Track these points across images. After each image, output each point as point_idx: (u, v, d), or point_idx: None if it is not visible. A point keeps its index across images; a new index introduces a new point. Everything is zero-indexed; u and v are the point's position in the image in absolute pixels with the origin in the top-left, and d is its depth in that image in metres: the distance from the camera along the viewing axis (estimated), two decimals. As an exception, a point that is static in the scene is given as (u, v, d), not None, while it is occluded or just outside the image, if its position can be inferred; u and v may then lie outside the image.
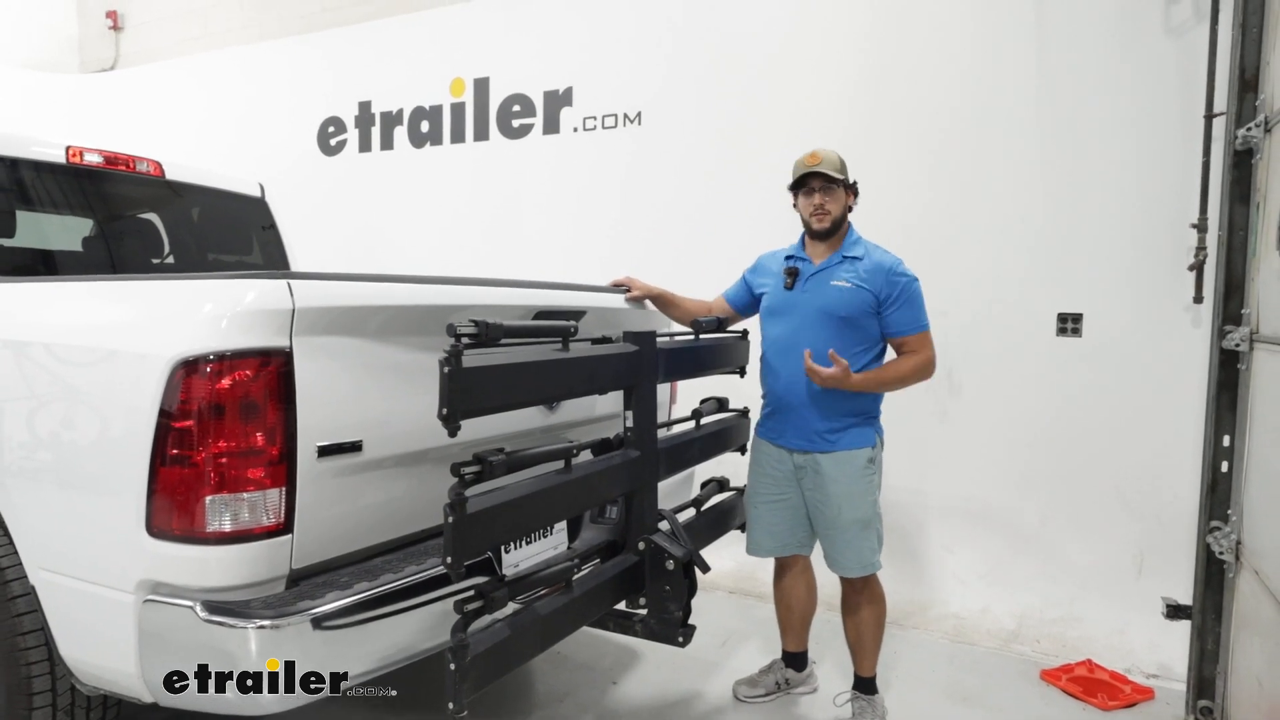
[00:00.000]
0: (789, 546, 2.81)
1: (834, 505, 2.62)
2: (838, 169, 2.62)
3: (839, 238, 2.69)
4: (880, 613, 2.76)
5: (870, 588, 2.73)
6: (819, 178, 2.62)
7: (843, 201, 2.66)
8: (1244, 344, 2.66)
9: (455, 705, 1.63)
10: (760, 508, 2.81)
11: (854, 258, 2.64)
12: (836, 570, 2.72)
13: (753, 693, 2.97)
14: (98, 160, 3.24)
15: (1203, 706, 2.84)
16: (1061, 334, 3.67)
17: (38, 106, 6.56)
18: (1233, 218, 2.77)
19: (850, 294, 2.60)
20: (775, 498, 2.76)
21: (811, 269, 2.69)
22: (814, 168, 2.60)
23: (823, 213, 2.63)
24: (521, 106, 4.94)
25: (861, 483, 2.62)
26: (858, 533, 2.63)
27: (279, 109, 5.79)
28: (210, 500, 1.65)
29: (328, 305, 1.78)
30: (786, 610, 2.97)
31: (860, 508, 2.62)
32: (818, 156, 2.62)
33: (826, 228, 2.65)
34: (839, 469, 2.62)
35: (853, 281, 2.60)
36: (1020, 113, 3.72)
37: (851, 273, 2.62)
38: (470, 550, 1.68)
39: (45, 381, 1.94)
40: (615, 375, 2.24)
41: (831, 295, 2.61)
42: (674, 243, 4.49)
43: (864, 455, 2.63)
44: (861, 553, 2.65)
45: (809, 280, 2.68)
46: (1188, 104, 3.35)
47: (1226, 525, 2.75)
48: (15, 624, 1.94)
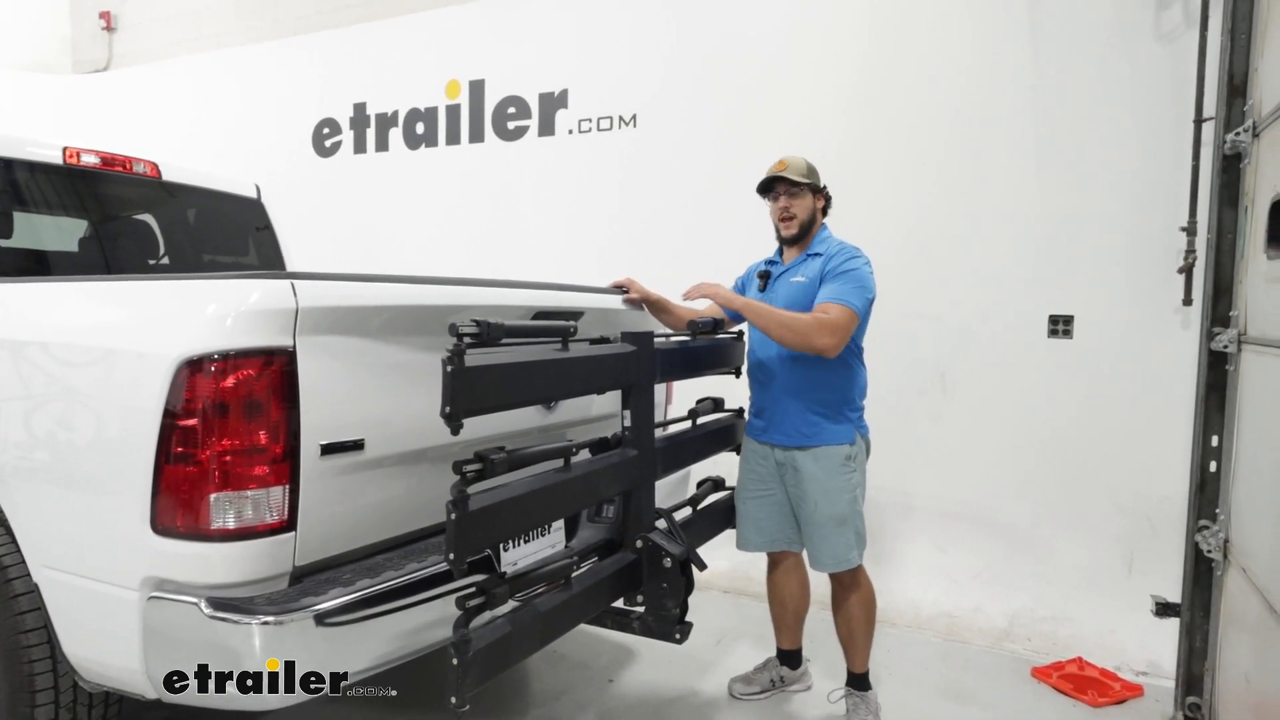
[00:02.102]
0: (776, 542, 2.85)
1: (811, 501, 2.67)
2: (803, 174, 2.68)
3: (808, 240, 2.75)
4: (869, 608, 2.80)
5: (857, 583, 2.77)
6: (783, 182, 2.68)
7: (809, 205, 2.71)
8: (1232, 345, 2.70)
9: (458, 699, 1.64)
10: (748, 503, 2.86)
11: (815, 254, 2.71)
12: (815, 567, 2.77)
13: (748, 690, 3.00)
14: (95, 161, 3.25)
15: (1191, 703, 2.87)
16: (1053, 336, 3.71)
17: (30, 107, 6.54)
18: (1221, 221, 2.81)
19: (804, 287, 2.66)
20: (761, 493, 2.82)
21: (780, 269, 2.80)
22: (779, 173, 2.67)
23: (788, 215, 2.70)
24: (517, 109, 4.96)
25: (838, 479, 2.65)
26: (833, 529, 2.66)
27: (274, 111, 5.80)
28: (215, 498, 1.66)
29: (331, 305, 1.80)
30: (780, 606, 3.01)
31: (836, 504, 2.65)
32: (784, 163, 2.68)
33: (794, 233, 2.72)
34: (816, 465, 2.66)
35: (807, 275, 2.68)
36: (1013, 117, 3.76)
37: (808, 267, 2.69)
38: (472, 547, 1.69)
39: (48, 382, 1.95)
40: (613, 375, 2.26)
41: (792, 290, 2.69)
42: (669, 245, 4.51)
43: (841, 452, 2.66)
44: (836, 549, 2.68)
45: (776, 281, 2.79)
46: (1178, 109, 3.39)
47: (1215, 524, 2.78)
48: (17, 622, 1.95)
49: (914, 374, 3.99)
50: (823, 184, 2.76)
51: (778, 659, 3.06)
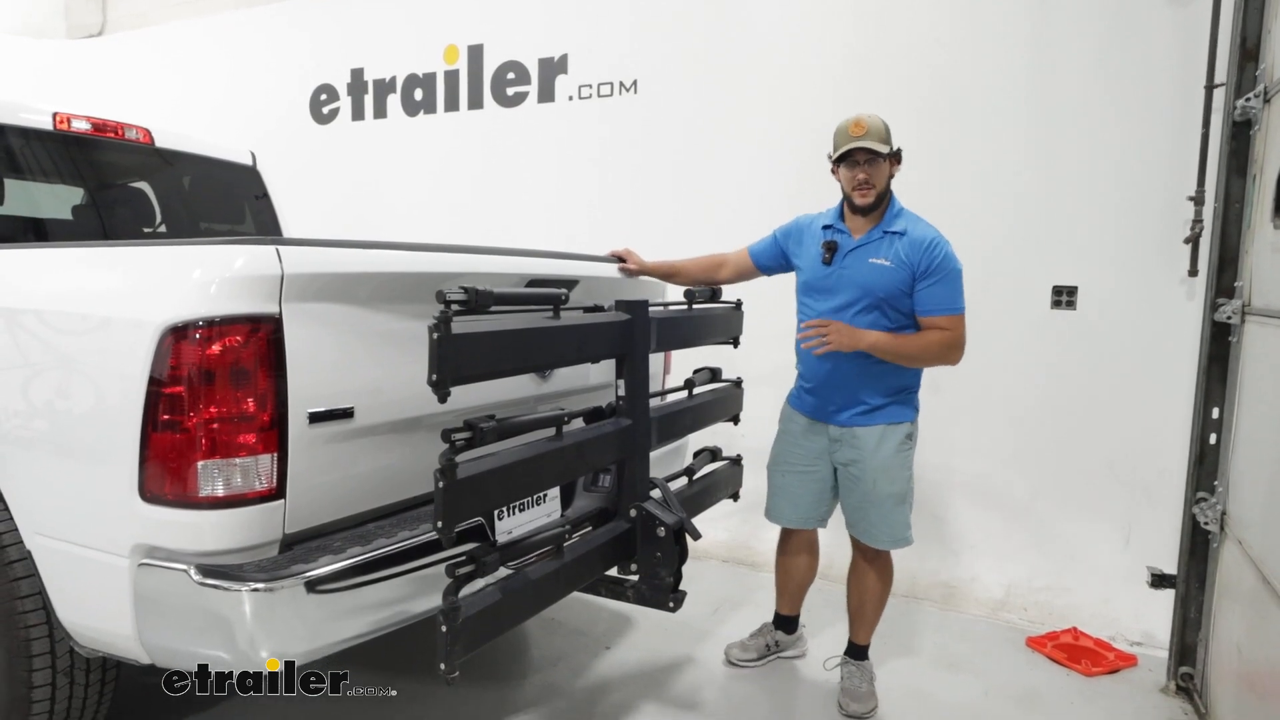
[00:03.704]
0: (809, 520, 2.82)
1: (870, 479, 2.61)
2: (883, 138, 2.48)
3: (880, 211, 2.57)
4: (887, 586, 2.79)
5: (883, 559, 2.75)
6: (864, 152, 2.47)
7: (886, 173, 2.53)
8: (1236, 317, 2.67)
9: (447, 666, 1.65)
10: (788, 476, 2.80)
11: (896, 233, 2.53)
12: (868, 541, 2.69)
13: (744, 656, 3.01)
14: (86, 127, 3.21)
15: (1183, 673, 2.89)
16: (1056, 307, 3.67)
17: (24, 72, 6.46)
18: (1229, 190, 2.76)
19: (890, 273, 2.50)
20: (804, 469, 2.76)
21: (851, 243, 2.59)
22: (859, 140, 2.45)
23: (866, 188, 2.50)
24: (516, 74, 4.88)
25: (899, 457, 2.61)
26: (893, 506, 2.62)
27: (271, 77, 5.72)
28: (202, 465, 1.66)
29: (317, 272, 1.78)
30: (787, 576, 3.01)
31: (896, 482, 2.61)
32: (862, 125, 2.46)
33: (870, 203, 2.52)
34: (878, 443, 2.60)
35: (893, 260, 2.50)
36: (1017, 82, 3.68)
37: (892, 250, 2.51)
38: (460, 515, 1.69)
39: (35, 348, 1.94)
40: (607, 344, 2.24)
41: (871, 274, 2.52)
42: (670, 212, 4.46)
43: (903, 430, 2.62)
44: (895, 527, 2.65)
45: (848, 256, 2.58)
46: (1188, 75, 3.31)
47: (1213, 497, 2.78)
48: (12, 588, 1.96)
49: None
50: (897, 146, 2.56)
51: (774, 624, 3.08)
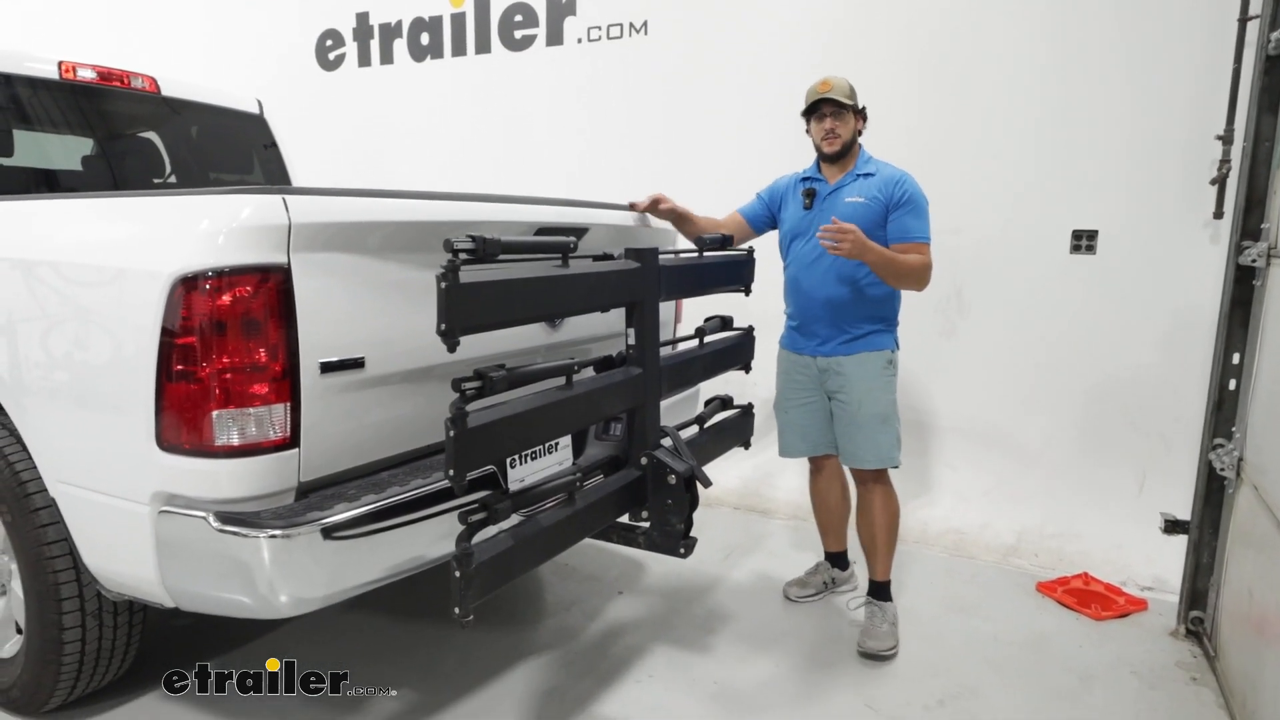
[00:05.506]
0: (820, 446, 2.97)
1: (855, 401, 2.80)
2: (847, 95, 2.76)
3: (851, 159, 2.83)
4: (893, 516, 2.89)
5: (883, 488, 2.88)
6: (829, 103, 2.75)
7: (852, 125, 2.79)
8: (1261, 260, 2.60)
9: (461, 610, 1.68)
10: (791, 412, 2.99)
11: (867, 174, 2.80)
12: (855, 464, 2.87)
13: (802, 593, 3.15)
14: (91, 76, 3.17)
15: (1194, 616, 2.91)
16: (1075, 251, 3.60)
17: (29, 22, 6.38)
18: (1259, 128, 2.66)
19: (863, 208, 2.73)
20: (803, 401, 2.94)
21: (828, 188, 2.84)
22: (825, 94, 2.74)
23: (833, 136, 2.77)
24: (524, 16, 4.76)
25: (881, 380, 2.80)
26: (877, 426, 2.79)
27: (277, 22, 5.61)
28: (216, 415, 1.68)
29: (325, 221, 1.76)
30: (825, 512, 3.14)
31: (879, 403, 2.79)
32: (829, 84, 2.75)
33: (837, 150, 2.79)
34: (860, 369, 2.79)
35: (866, 195, 2.74)
36: (1037, 20, 3.55)
37: (865, 188, 2.76)
38: (471, 463, 1.70)
39: (52, 299, 1.95)
40: (616, 292, 2.22)
41: (846, 211, 2.73)
42: (681, 156, 4.39)
43: (883, 357, 2.81)
44: (881, 446, 2.80)
45: (826, 199, 2.83)
46: (1220, 5, 3.18)
47: (1230, 442, 2.75)
48: (40, 534, 2.02)
49: (929, 289, 3.87)
50: (861, 105, 2.82)
51: (827, 561, 3.21)
